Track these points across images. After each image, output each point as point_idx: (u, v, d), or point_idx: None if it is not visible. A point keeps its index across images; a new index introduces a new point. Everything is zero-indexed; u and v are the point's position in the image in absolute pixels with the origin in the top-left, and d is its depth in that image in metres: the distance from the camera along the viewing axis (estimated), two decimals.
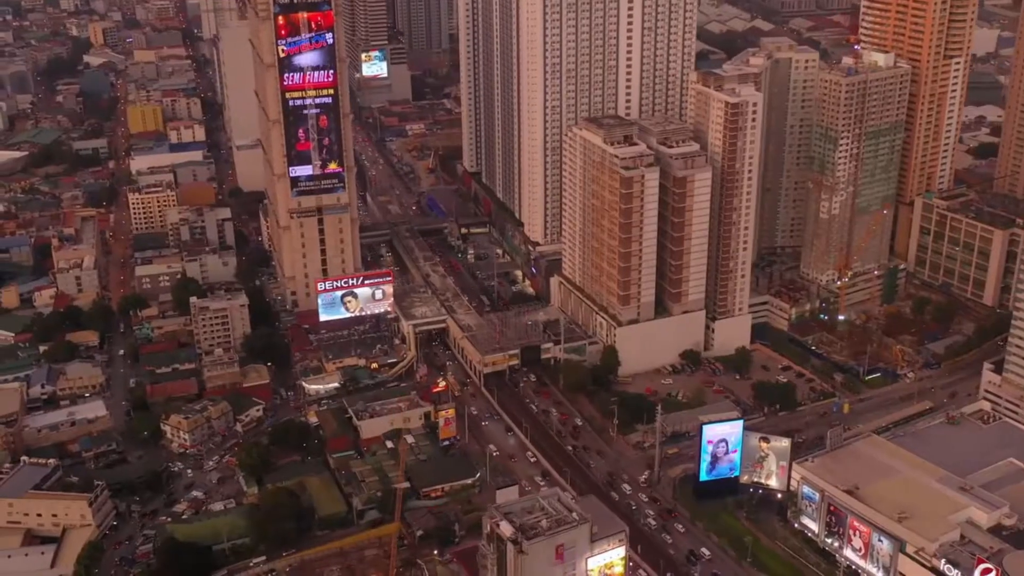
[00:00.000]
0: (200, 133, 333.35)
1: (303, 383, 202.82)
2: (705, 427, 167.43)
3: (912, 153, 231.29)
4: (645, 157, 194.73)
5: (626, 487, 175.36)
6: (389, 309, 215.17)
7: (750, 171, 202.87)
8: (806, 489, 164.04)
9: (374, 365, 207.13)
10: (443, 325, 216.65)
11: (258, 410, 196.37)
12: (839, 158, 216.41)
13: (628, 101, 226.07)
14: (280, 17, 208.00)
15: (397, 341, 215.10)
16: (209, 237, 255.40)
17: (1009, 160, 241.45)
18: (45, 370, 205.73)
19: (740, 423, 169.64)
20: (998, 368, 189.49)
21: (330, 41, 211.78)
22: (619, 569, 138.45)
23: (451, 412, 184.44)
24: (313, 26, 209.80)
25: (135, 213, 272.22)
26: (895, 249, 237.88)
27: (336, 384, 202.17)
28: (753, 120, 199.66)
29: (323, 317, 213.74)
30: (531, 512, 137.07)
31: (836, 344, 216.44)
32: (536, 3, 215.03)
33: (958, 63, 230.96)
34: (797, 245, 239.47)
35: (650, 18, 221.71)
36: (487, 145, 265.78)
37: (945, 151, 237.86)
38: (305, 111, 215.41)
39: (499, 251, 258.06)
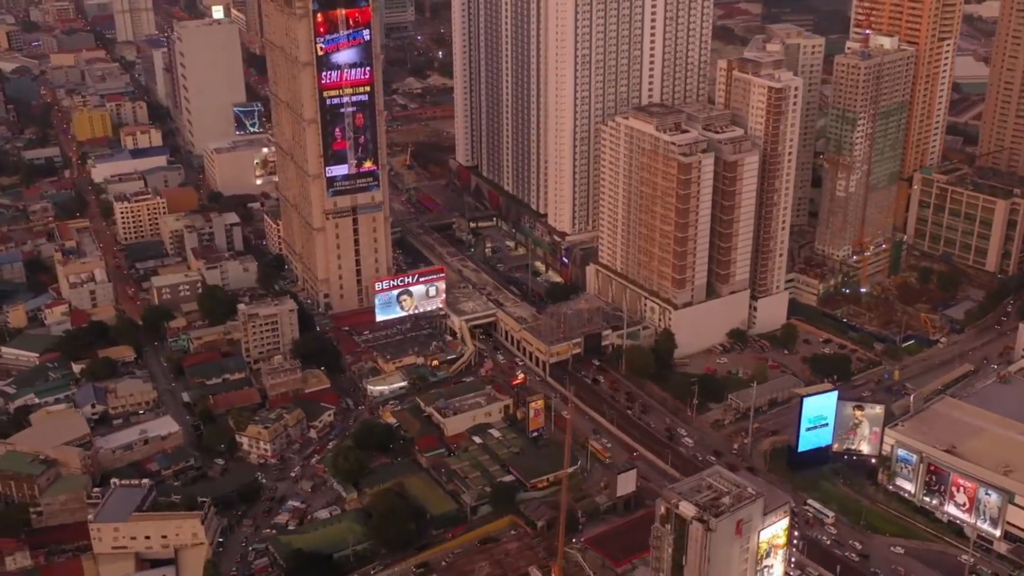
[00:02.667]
0: (157, 138, 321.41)
1: (367, 385, 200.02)
2: (805, 400, 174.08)
3: (910, 131, 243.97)
4: (700, 143, 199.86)
5: (711, 458, 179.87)
6: (441, 306, 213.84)
7: (790, 153, 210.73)
8: (901, 452, 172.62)
9: (435, 363, 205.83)
10: (492, 319, 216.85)
11: (329, 415, 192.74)
12: (857, 138, 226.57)
13: (651, 89, 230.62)
14: (319, 14, 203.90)
15: (449, 337, 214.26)
16: (217, 243, 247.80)
17: (991, 137, 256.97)
18: (90, 389, 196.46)
19: (835, 394, 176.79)
20: None
21: (367, 38, 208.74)
22: (783, 540, 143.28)
23: (540, 403, 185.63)
24: (351, 22, 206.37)
25: (123, 223, 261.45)
26: (894, 223, 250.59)
27: (401, 384, 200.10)
28: (794, 104, 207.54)
29: (380, 317, 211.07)
30: (700, 491, 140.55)
31: (864, 315, 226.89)
32: None
33: (949, 45, 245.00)
34: (801, 223, 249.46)
35: (672, 7, 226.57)
36: (489, 138, 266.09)
37: (936, 129, 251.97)
38: (342, 109, 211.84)
39: (510, 244, 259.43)
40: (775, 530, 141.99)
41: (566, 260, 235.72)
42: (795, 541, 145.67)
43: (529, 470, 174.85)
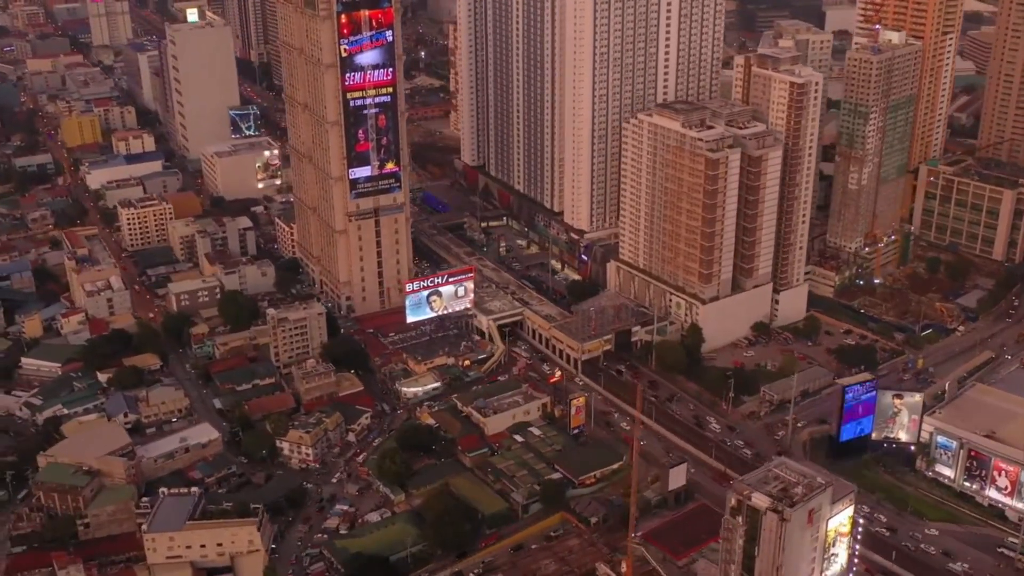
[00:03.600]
0: (150, 143, 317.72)
1: (400, 387, 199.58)
2: (848, 390, 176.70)
3: (916, 124, 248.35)
4: (726, 139, 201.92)
5: (744, 449, 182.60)
6: (470, 306, 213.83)
7: (811, 148, 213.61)
8: (941, 439, 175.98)
9: (466, 363, 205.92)
10: (518, 318, 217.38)
11: (366, 418, 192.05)
12: (869, 131, 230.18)
13: (666, 86, 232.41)
14: (343, 16, 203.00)
15: (477, 337, 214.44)
16: (231, 248, 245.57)
17: (991, 130, 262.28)
18: (120, 398, 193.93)
19: (875, 383, 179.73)
20: None
21: (390, 39, 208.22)
22: (847, 528, 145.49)
23: (582, 400, 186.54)
24: (374, 23, 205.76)
25: (129, 229, 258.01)
26: (900, 215, 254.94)
27: (434, 385, 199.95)
28: (815, 98, 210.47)
29: (410, 318, 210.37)
30: (768, 482, 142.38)
31: (881, 306, 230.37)
32: None
33: (951, 39, 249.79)
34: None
35: (686, 5, 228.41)
36: (498, 138, 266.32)
37: (939, 122, 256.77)
38: (365, 111, 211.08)
39: (522, 243, 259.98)
40: (841, 519, 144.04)
41: (585, 258, 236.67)
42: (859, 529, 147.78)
43: (576, 467, 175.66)
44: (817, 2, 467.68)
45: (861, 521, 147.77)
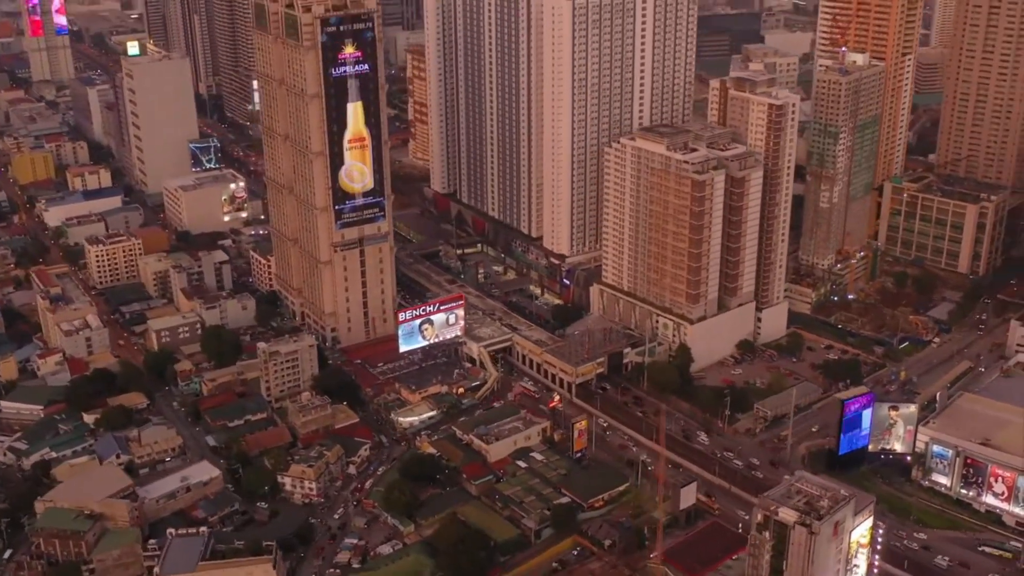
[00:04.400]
0: (107, 178, 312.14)
1: (396, 417, 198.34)
2: (847, 403, 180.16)
3: (880, 143, 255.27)
4: (711, 161, 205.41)
5: (752, 469, 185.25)
6: (460, 333, 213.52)
7: (789, 167, 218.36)
8: (936, 448, 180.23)
9: (461, 390, 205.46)
10: (508, 344, 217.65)
11: (365, 449, 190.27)
12: (839, 151, 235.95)
13: (641, 110, 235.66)
14: (326, 45, 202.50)
15: (468, 364, 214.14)
16: (207, 283, 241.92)
17: (948, 147, 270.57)
18: (111, 439, 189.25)
19: (872, 396, 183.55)
20: None
21: (369, 69, 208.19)
22: (867, 539, 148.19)
23: (584, 424, 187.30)
24: (356, 53, 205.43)
25: (98, 267, 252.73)
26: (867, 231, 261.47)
27: (430, 414, 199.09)
28: (793, 119, 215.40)
29: (403, 348, 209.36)
30: (791, 496, 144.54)
31: (857, 321, 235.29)
32: (564, 22, 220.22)
33: (910, 60, 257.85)
34: None
35: (659, 32, 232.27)
36: (471, 165, 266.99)
37: (900, 140, 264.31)
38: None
39: (498, 269, 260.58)
40: (862, 530, 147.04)
41: (567, 282, 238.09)
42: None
43: (583, 490, 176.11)
44: (755, 27, 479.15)
45: (881, 532, 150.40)
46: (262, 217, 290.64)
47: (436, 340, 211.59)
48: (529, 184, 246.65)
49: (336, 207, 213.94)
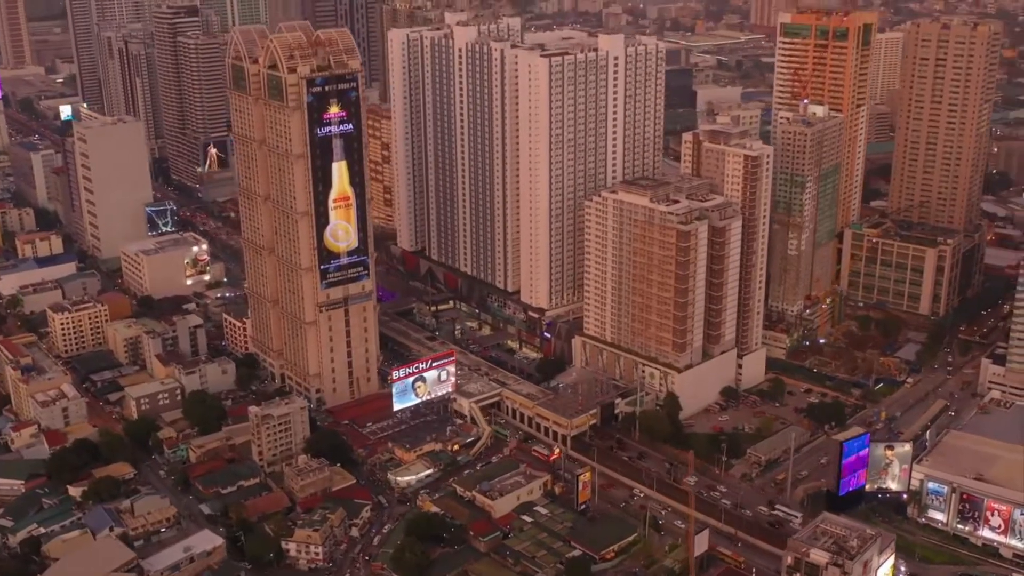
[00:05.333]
0: (58, 244, 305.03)
1: (393, 476, 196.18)
2: (846, 444, 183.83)
3: (840, 191, 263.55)
4: (694, 212, 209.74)
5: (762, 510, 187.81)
6: (452, 390, 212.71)
7: (764, 216, 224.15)
8: (932, 485, 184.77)
9: (455, 447, 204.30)
10: (497, 398, 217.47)
11: (367, 511, 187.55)
12: (806, 199, 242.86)
13: (615, 164, 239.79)
14: (312, 106, 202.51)
15: (459, 420, 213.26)
16: (181, 348, 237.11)
17: (900, 193, 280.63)
18: (101, 511, 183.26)
19: (867, 436, 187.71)
20: (998, 361, 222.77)
21: (354, 128, 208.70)
22: (890, 574, 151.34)
23: (588, 475, 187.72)
24: (341, 112, 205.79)
25: (63, 334, 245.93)
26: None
27: (427, 472, 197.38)
28: (767, 170, 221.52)
29: (397, 406, 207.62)
30: (818, 538, 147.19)
31: (830, 364, 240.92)
32: (541, 79, 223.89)
33: (863, 111, 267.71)
34: None
35: (630, 87, 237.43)
36: (441, 222, 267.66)
37: (856, 188, 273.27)
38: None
39: (472, 325, 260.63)
40: (886, 568, 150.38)
41: (548, 335, 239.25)
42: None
43: (594, 542, 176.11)
44: (687, 83, 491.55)
45: (902, 570, 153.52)
46: (224, 280, 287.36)
47: (428, 397, 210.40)
48: (504, 239, 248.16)
49: (321, 267, 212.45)
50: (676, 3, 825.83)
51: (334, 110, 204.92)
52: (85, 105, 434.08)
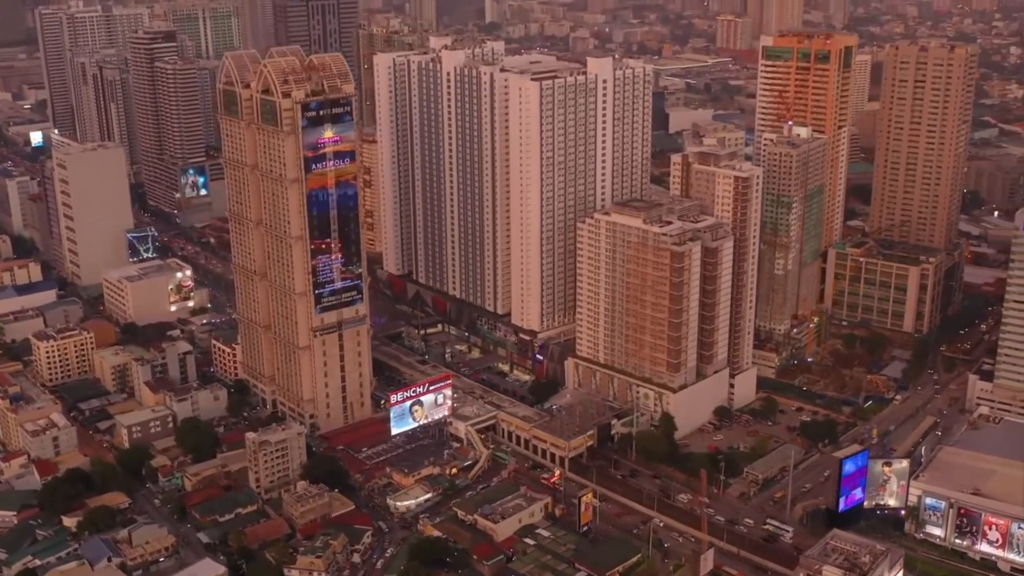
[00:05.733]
0: (37, 272, 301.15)
1: (392, 501, 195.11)
2: (845, 461, 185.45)
3: (823, 211, 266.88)
4: (687, 233, 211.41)
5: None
6: (448, 413, 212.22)
7: (755, 237, 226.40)
8: (929, 500, 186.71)
9: (454, 470, 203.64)
10: (493, 421, 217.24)
11: (368, 536, 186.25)
12: (793, 219, 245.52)
13: (603, 186, 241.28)
14: (306, 130, 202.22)
15: (455, 444, 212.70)
16: (171, 375, 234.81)
17: (881, 213, 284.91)
18: (98, 542, 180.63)
19: (866, 453, 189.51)
20: (985, 377, 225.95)
21: (349, 150, 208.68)
22: None
23: (590, 497, 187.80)
24: (335, 136, 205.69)
25: (49, 363, 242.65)
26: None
27: (426, 496, 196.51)
28: (757, 191, 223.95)
29: (395, 430, 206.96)
30: (828, 555, 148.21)
31: (819, 383, 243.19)
32: (532, 103, 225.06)
33: (845, 132, 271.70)
34: None
35: (619, 109, 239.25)
36: (428, 246, 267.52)
37: (839, 208, 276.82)
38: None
39: (461, 348, 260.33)
40: None
41: (540, 357, 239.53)
42: None
43: (598, 564, 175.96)
44: (660, 105, 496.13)
45: None
46: (208, 306, 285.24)
47: (426, 421, 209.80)
48: (494, 262, 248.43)
49: (315, 291, 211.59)
50: (642, 27, 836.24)
51: (328, 134, 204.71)
52: (56, 131, 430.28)
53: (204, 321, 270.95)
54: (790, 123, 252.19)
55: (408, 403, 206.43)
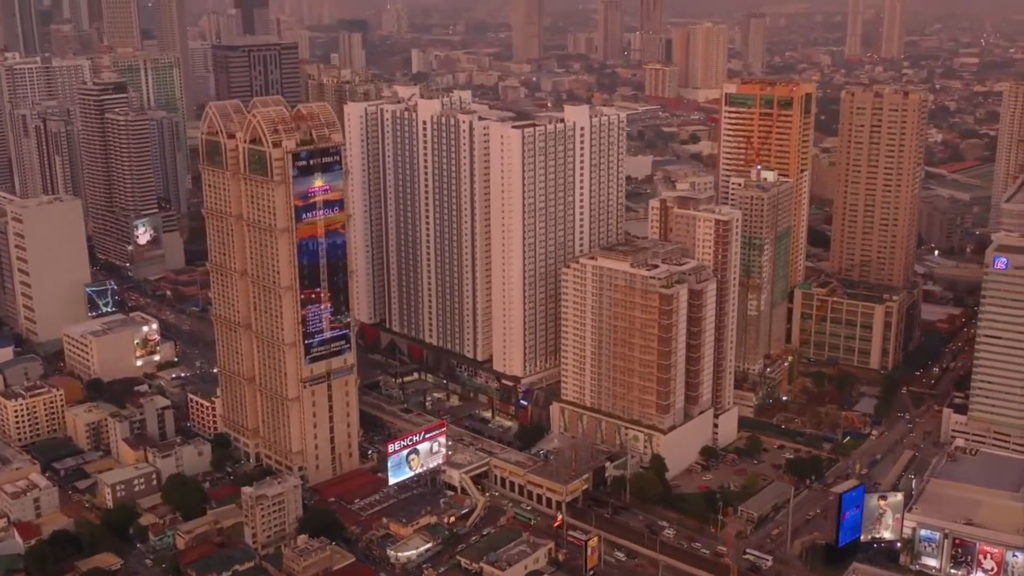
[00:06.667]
0: None
1: (393, 552, 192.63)
2: (845, 496, 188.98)
3: (790, 253, 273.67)
4: (674, 275, 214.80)
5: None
6: (443, 461, 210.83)
7: (735, 278, 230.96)
8: (924, 532, 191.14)
9: (452, 519, 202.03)
10: (485, 468, 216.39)
11: None
12: (764, 261, 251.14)
13: (582, 231, 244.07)
14: (297, 178, 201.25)
15: (449, 492, 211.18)
16: (149, 430, 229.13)
17: (841, 254, 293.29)
18: None
19: (863, 488, 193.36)
20: (958, 410, 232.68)
21: (338, 199, 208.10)
22: None
23: (596, 540, 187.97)
24: (325, 186, 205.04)
25: (17, 422, 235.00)
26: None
27: (427, 546, 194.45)
28: (737, 234, 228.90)
29: (392, 480, 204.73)
30: None
31: (796, 420, 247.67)
32: (515, 150, 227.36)
33: (806, 176, 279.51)
34: None
35: (595, 155, 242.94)
36: (403, 294, 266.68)
37: (802, 250, 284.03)
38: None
39: (439, 395, 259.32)
40: None
41: (524, 402, 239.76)
42: None
43: None
44: None
45: None
46: (175, 359, 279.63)
47: (421, 469, 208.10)
48: (473, 308, 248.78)
49: (306, 342, 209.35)
50: (568, 76, 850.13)
51: (318, 183, 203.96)
52: None
53: (174, 375, 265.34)
54: (759, 167, 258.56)
55: (405, 452, 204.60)
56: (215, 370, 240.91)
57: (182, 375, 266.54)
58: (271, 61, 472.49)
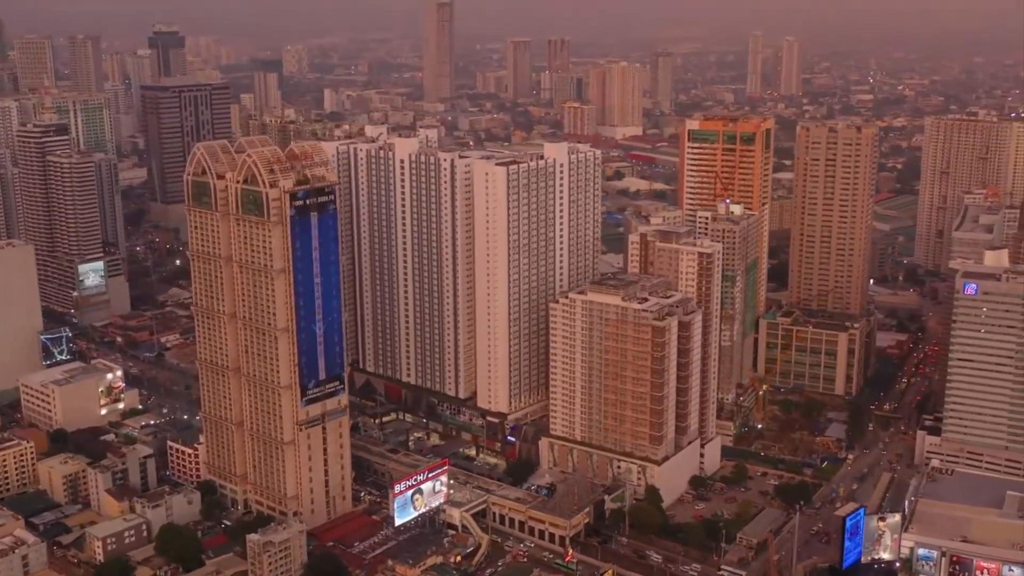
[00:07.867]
0: None
1: None
2: (848, 519, 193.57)
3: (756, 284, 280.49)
4: (664, 308, 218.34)
5: None
6: (444, 500, 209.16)
7: (718, 310, 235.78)
8: (922, 551, 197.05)
9: (457, 558, 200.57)
10: (484, 505, 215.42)
11: None
12: (736, 292, 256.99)
13: (562, 266, 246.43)
14: (293, 219, 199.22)
15: (451, 531, 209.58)
16: (131, 481, 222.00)
17: (799, 285, 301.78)
18: None
19: (863, 510, 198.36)
20: (931, 431, 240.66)
21: (334, 241, 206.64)
22: None
23: (611, 574, 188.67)
24: (321, 227, 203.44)
25: None
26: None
27: None
28: (718, 266, 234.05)
29: (398, 520, 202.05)
30: None
31: (773, 447, 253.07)
32: (499, 187, 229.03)
33: (767, 209, 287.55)
34: None
35: (574, 192, 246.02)
36: (378, 334, 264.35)
37: (764, 281, 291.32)
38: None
39: (420, 435, 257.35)
40: None
41: (512, 439, 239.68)
42: None
43: None
44: None
45: None
46: (140, 407, 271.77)
47: (424, 509, 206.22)
48: (455, 346, 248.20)
49: (302, 384, 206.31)
50: (484, 116, 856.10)
51: (314, 223, 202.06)
52: None
53: (143, 423, 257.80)
54: (727, 201, 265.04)
55: (410, 492, 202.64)
56: (196, 416, 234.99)
57: (151, 423, 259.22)
58: (202, 101, 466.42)
